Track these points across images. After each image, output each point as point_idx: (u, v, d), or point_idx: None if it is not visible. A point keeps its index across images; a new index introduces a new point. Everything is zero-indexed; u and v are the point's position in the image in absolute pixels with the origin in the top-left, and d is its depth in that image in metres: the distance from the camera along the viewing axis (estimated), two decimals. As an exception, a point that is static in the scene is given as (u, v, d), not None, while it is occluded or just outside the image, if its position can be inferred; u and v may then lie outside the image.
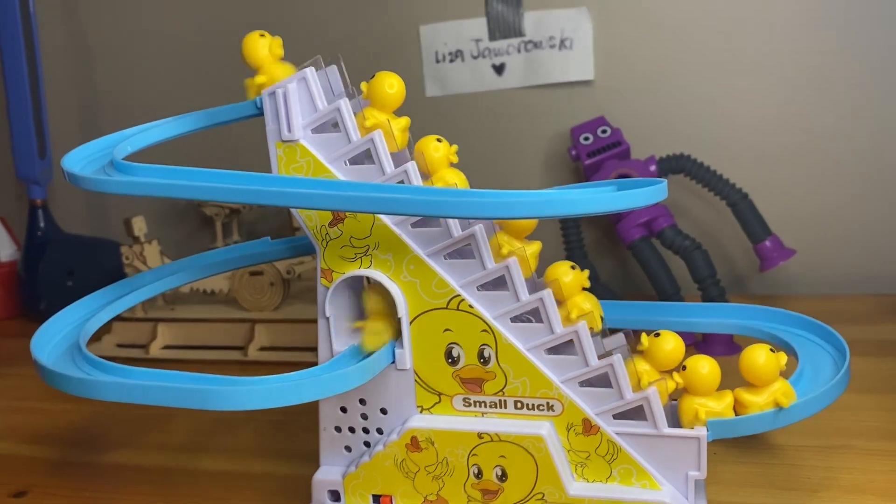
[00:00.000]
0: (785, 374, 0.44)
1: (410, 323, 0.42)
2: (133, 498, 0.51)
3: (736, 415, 0.40)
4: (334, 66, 0.44)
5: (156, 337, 0.77)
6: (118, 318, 0.80)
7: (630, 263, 0.86)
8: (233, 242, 0.88)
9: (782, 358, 0.41)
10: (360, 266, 0.43)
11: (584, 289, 0.42)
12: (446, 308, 0.42)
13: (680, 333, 0.42)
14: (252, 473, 0.53)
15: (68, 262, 0.88)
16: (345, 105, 0.41)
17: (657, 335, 0.41)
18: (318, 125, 0.42)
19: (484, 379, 0.42)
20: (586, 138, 0.76)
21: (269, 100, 0.42)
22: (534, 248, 0.42)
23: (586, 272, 0.42)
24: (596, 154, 0.75)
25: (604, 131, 0.76)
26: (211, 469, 0.55)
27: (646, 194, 0.37)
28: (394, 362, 0.43)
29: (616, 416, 0.41)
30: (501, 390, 0.42)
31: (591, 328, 0.41)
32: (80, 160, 0.42)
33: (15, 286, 0.92)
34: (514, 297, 0.41)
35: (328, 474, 0.45)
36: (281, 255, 0.52)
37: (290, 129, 0.41)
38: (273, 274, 0.75)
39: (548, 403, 0.41)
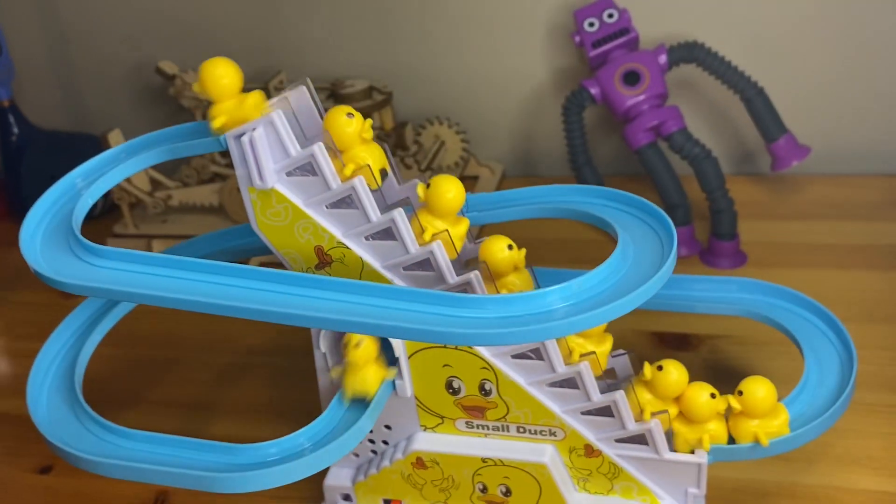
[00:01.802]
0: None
1: (409, 358, 0.41)
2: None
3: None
4: (302, 88, 0.39)
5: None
6: (112, 235, 0.78)
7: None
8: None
9: (721, 404, 0.40)
10: (351, 306, 0.41)
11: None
12: (444, 347, 0.40)
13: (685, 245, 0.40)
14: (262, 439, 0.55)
15: (50, 165, 0.85)
16: (319, 151, 0.37)
17: (660, 368, 0.40)
18: (292, 168, 0.38)
19: (486, 407, 0.42)
20: (591, 24, 0.69)
21: (235, 143, 0.37)
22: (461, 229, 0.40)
23: (523, 251, 0.40)
24: (602, 44, 0.69)
25: (610, 15, 0.69)
26: (220, 435, 0.56)
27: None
28: (395, 390, 0.43)
29: (618, 441, 0.41)
30: (504, 417, 0.42)
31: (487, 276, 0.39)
32: (35, 225, 0.38)
33: (-3, 187, 0.89)
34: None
35: (338, 479, 0.47)
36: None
37: (261, 178, 0.37)
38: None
39: (550, 430, 0.42)
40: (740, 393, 0.40)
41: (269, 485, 0.36)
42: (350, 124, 0.38)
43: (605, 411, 0.40)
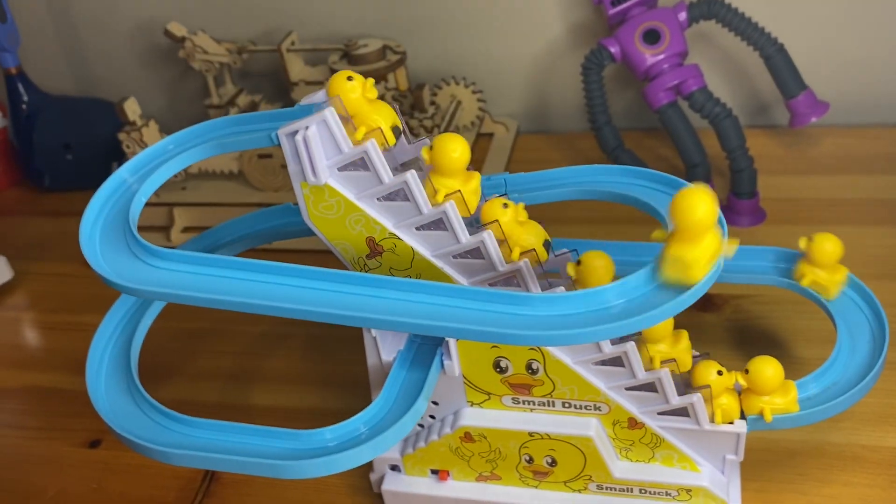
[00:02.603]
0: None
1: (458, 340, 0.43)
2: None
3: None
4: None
5: (173, 221, 0.76)
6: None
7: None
8: (227, 94, 0.83)
9: (728, 380, 0.41)
10: (402, 293, 0.42)
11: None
12: (493, 330, 0.42)
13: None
14: (303, 409, 0.57)
15: (62, 132, 0.84)
16: (372, 148, 0.37)
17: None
18: (344, 164, 0.38)
19: (532, 385, 0.43)
20: (609, -18, 0.69)
21: (288, 141, 0.38)
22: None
23: (521, 205, 0.40)
24: (621, 1, 0.68)
25: (628, -29, 0.68)
26: (262, 406, 0.58)
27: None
28: (443, 369, 0.44)
29: (660, 413, 0.43)
30: (550, 393, 0.43)
31: (536, 263, 0.40)
32: (91, 226, 0.39)
33: (9, 154, 0.89)
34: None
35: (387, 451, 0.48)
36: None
37: (315, 174, 0.38)
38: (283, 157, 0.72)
39: (595, 405, 0.43)
40: (746, 371, 0.42)
41: (333, 470, 0.38)
42: (353, 88, 0.38)
43: (650, 387, 0.42)
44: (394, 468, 0.49)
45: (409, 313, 0.35)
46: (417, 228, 0.40)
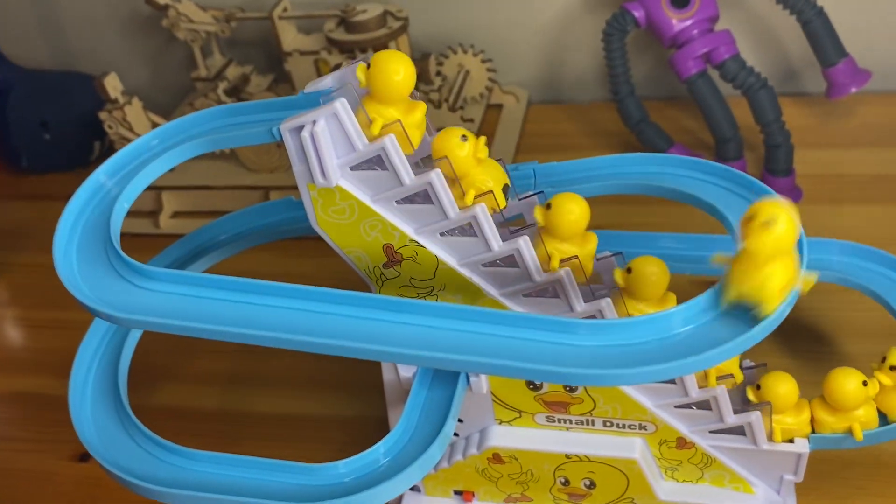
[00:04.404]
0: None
1: (486, 355, 0.38)
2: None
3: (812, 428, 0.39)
4: (363, 66, 0.33)
5: (162, 206, 0.71)
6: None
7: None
8: (215, 66, 0.77)
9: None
10: (424, 304, 0.37)
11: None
12: (528, 345, 0.37)
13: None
14: (309, 416, 0.52)
15: (38, 109, 0.78)
16: (390, 143, 0.32)
17: (758, 387, 0.37)
18: (357, 163, 0.33)
19: (570, 403, 0.39)
20: (632, -61, 0.63)
21: (292, 137, 0.32)
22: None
23: (482, 139, 0.35)
24: (644, -40, 0.62)
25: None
26: (264, 413, 0.54)
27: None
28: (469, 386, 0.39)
29: (713, 432, 0.39)
30: (589, 412, 0.39)
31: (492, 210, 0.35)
32: (67, 240, 0.33)
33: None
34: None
35: (405, 471, 0.44)
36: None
37: (324, 175, 0.33)
38: (279, 135, 0.67)
39: (640, 424, 0.39)
40: (758, 387, 0.38)
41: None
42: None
43: (703, 405, 0.38)
44: (413, 488, 0.44)
45: (439, 345, 0.30)
46: (442, 234, 0.35)
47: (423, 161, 0.35)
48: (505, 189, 0.35)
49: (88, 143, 0.79)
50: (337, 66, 0.66)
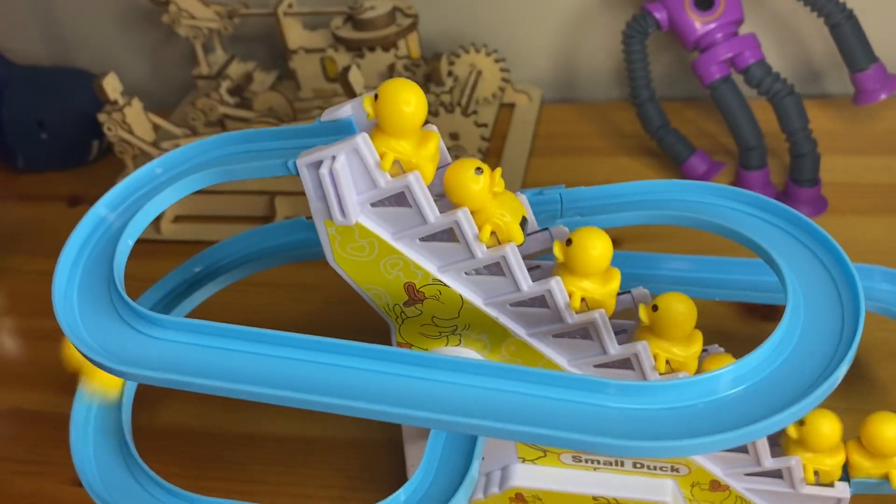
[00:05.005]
0: None
1: (511, 395, 0.36)
2: (207, 484, 0.49)
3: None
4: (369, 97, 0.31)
5: (163, 211, 0.68)
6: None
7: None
8: (217, 62, 0.74)
9: None
10: (446, 344, 0.35)
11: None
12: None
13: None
14: (325, 439, 0.50)
15: (34, 107, 0.75)
16: (415, 180, 0.30)
17: (802, 423, 0.35)
18: (379, 200, 0.31)
19: (598, 443, 0.37)
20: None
21: (310, 174, 0.30)
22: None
23: (498, 171, 0.32)
24: (667, -41, 0.60)
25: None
26: (276, 433, 0.52)
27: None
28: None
29: (748, 475, 0.37)
30: (618, 453, 0.37)
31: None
32: (66, 282, 0.31)
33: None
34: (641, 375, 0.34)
35: (421, 507, 0.42)
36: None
37: (343, 214, 0.30)
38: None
39: (672, 466, 0.37)
40: (802, 423, 0.36)
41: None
42: (478, 181, 0.31)
43: (739, 447, 0.36)
44: (430, 523, 0.43)
45: (458, 407, 0.27)
46: (467, 273, 0.32)
47: (437, 197, 0.33)
48: (522, 223, 0.33)
49: (86, 142, 0.76)
50: (345, 69, 0.64)
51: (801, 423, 0.36)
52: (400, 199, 0.31)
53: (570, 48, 0.76)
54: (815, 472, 0.36)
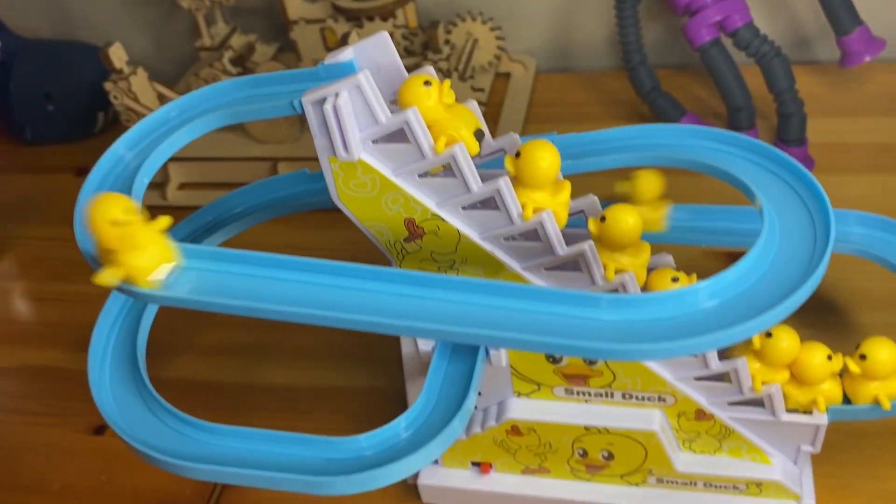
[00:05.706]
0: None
1: (507, 329, 0.38)
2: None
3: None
4: (384, 36, 0.33)
5: (168, 177, 0.70)
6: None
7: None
8: (219, 34, 0.76)
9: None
10: (445, 278, 0.37)
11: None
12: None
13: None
14: (329, 387, 0.52)
15: (42, 80, 0.77)
16: (414, 117, 0.32)
17: (769, 335, 0.37)
18: (380, 136, 0.33)
19: (589, 375, 0.39)
20: None
21: (315, 111, 0.32)
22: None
23: (447, 83, 0.34)
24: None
25: None
26: (280, 384, 0.54)
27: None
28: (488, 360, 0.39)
29: (732, 404, 0.39)
30: (609, 385, 0.39)
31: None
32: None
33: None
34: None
35: (422, 443, 0.44)
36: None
37: (346, 149, 0.32)
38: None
39: (659, 397, 0.39)
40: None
41: (371, 486, 0.33)
42: (429, 95, 0.33)
43: (722, 377, 0.38)
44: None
45: (462, 320, 0.29)
46: (464, 208, 0.34)
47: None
48: (478, 134, 0.35)
49: (92, 114, 0.78)
50: (345, 36, 0.66)
51: (767, 334, 0.38)
52: (401, 135, 0.32)
53: (565, 17, 0.78)
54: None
